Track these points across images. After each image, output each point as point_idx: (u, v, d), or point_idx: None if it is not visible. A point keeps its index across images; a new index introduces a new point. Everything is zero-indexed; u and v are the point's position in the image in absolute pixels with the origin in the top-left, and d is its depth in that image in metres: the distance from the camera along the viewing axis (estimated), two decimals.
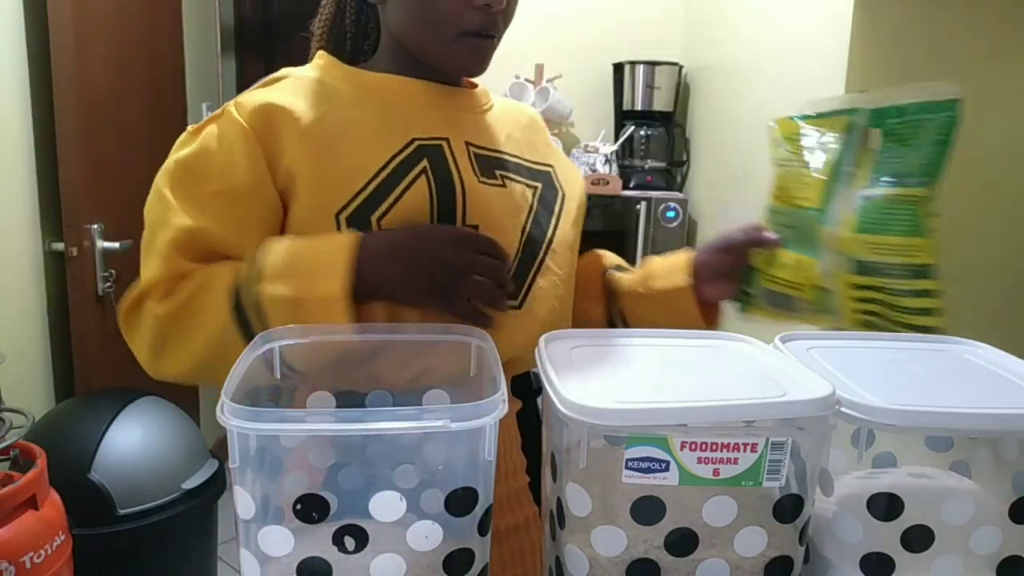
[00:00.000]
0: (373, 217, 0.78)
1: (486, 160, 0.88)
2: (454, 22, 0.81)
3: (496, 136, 0.92)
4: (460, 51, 0.83)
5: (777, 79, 1.99)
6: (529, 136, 0.97)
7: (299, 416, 0.57)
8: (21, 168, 2.02)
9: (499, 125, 0.93)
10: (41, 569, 1.48)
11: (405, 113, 0.85)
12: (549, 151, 0.99)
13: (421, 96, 0.87)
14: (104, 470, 1.76)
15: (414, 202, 0.80)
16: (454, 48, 0.83)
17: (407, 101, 0.86)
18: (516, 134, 0.95)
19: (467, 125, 0.89)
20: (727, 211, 2.38)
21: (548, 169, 0.95)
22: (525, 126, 0.98)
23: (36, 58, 2.02)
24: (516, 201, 0.88)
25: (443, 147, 0.84)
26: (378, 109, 0.84)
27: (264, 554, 0.55)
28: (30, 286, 2.06)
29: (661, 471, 0.53)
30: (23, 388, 1.99)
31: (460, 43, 0.82)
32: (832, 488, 0.59)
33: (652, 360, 0.66)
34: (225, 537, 2.04)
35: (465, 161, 0.85)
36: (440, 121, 0.86)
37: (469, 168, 0.85)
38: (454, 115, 0.88)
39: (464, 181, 0.83)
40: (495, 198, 0.86)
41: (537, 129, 1.00)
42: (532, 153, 0.95)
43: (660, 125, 2.72)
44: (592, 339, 0.69)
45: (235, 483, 0.54)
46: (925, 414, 0.54)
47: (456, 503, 0.56)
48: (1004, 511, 0.56)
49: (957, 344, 0.72)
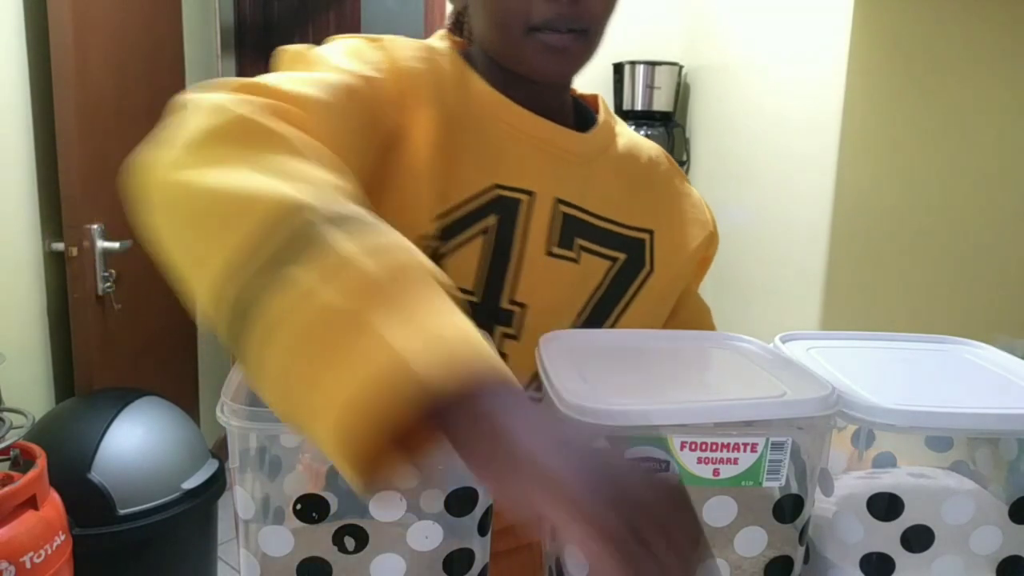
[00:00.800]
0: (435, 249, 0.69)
1: (573, 224, 0.75)
2: (522, 16, 0.69)
3: (601, 191, 0.78)
4: (531, 50, 0.70)
5: (777, 79, 1.99)
6: (637, 188, 0.82)
7: None
8: (21, 168, 2.02)
9: (610, 175, 0.80)
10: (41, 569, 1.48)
11: (495, 146, 0.73)
12: (658, 208, 0.83)
13: (516, 128, 0.74)
14: (104, 470, 1.76)
15: (464, 261, 0.70)
16: (524, 47, 0.70)
17: (500, 130, 0.73)
18: (623, 186, 0.81)
19: (566, 175, 0.76)
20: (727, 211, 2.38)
21: (644, 237, 0.81)
22: (637, 176, 0.83)
23: (36, 58, 2.02)
24: (585, 276, 0.77)
25: (522, 204, 0.72)
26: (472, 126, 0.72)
27: (264, 554, 0.55)
28: (30, 286, 2.06)
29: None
30: (23, 388, 1.99)
31: (531, 41, 0.70)
32: (832, 488, 0.59)
33: (652, 360, 0.66)
34: (225, 537, 2.04)
35: (543, 224, 0.73)
36: (532, 167, 0.74)
37: (543, 235, 0.73)
38: (551, 161, 0.75)
39: (525, 254, 0.72)
40: (558, 274, 0.74)
41: (652, 177, 0.84)
42: (631, 212, 0.80)
43: (660, 125, 2.72)
44: (592, 339, 0.69)
45: (235, 483, 0.54)
46: (925, 414, 0.54)
47: (456, 503, 0.56)
48: (1004, 511, 0.56)
49: (957, 344, 0.72)
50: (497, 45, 0.73)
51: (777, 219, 1.93)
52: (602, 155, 0.80)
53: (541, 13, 0.69)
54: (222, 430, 0.52)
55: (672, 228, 0.84)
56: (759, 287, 2.06)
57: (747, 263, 2.15)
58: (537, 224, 0.73)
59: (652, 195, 0.83)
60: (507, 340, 0.73)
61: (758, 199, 2.09)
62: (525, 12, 0.69)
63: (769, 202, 2.00)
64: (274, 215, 0.42)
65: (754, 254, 2.10)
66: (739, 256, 2.22)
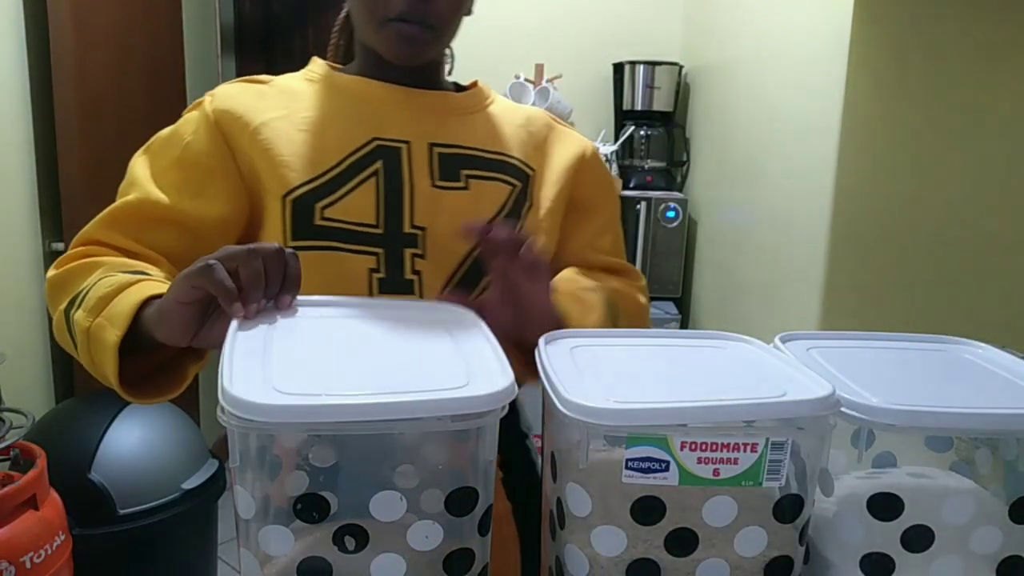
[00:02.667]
0: (319, 205, 0.83)
1: (453, 160, 0.89)
2: (382, 9, 0.84)
3: (476, 134, 0.92)
4: (388, 37, 0.85)
5: (777, 79, 1.99)
6: (522, 135, 0.95)
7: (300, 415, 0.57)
8: (21, 168, 2.02)
9: (485, 124, 0.94)
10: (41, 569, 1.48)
11: (370, 113, 0.89)
12: (541, 155, 0.96)
13: (388, 98, 0.90)
14: (104, 470, 1.76)
15: (360, 201, 0.84)
16: (382, 34, 0.85)
17: (374, 102, 0.90)
18: (506, 132, 0.95)
19: (437, 126, 0.90)
20: (727, 211, 2.38)
21: (530, 173, 0.93)
22: (519, 125, 0.96)
23: (36, 58, 2.02)
24: (482, 201, 0.89)
25: (402, 150, 0.87)
26: (344, 108, 0.89)
27: (264, 553, 0.55)
28: (30, 286, 2.06)
29: (661, 471, 0.53)
30: (23, 388, 2.00)
31: (387, 29, 0.85)
32: (832, 488, 0.59)
33: (652, 360, 0.66)
34: (225, 537, 2.04)
35: (423, 164, 0.88)
36: (406, 123, 0.89)
37: (426, 171, 0.87)
38: (423, 116, 0.90)
39: (415, 185, 0.86)
40: (451, 200, 0.87)
41: (533, 130, 0.97)
42: (521, 152, 0.94)
43: (660, 125, 2.73)
44: (592, 339, 0.69)
45: (235, 483, 0.54)
46: (925, 414, 0.54)
47: (456, 503, 0.56)
48: (1004, 511, 0.56)
49: (957, 344, 0.72)
50: (364, 34, 0.89)
51: (777, 219, 1.93)
52: (479, 111, 0.95)
53: (396, 7, 0.83)
54: (222, 430, 0.52)
55: (549, 170, 0.95)
56: (759, 287, 2.06)
57: (747, 263, 2.15)
58: (418, 164, 0.88)
59: (534, 141, 0.96)
60: (417, 259, 0.86)
61: (758, 199, 2.09)
62: (385, 5, 0.83)
63: (769, 202, 2.00)
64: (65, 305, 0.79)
65: (754, 254, 2.10)
66: (739, 256, 2.22)
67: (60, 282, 0.81)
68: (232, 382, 0.53)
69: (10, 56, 1.96)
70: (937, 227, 1.36)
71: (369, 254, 0.84)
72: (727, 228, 2.35)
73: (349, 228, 0.84)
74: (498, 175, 0.91)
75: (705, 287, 2.55)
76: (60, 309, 0.79)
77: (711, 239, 2.50)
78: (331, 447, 0.57)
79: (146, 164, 0.86)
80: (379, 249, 0.85)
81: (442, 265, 0.86)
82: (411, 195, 0.86)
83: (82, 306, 0.74)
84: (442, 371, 0.59)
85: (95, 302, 0.73)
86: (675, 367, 0.65)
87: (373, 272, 0.84)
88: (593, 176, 0.98)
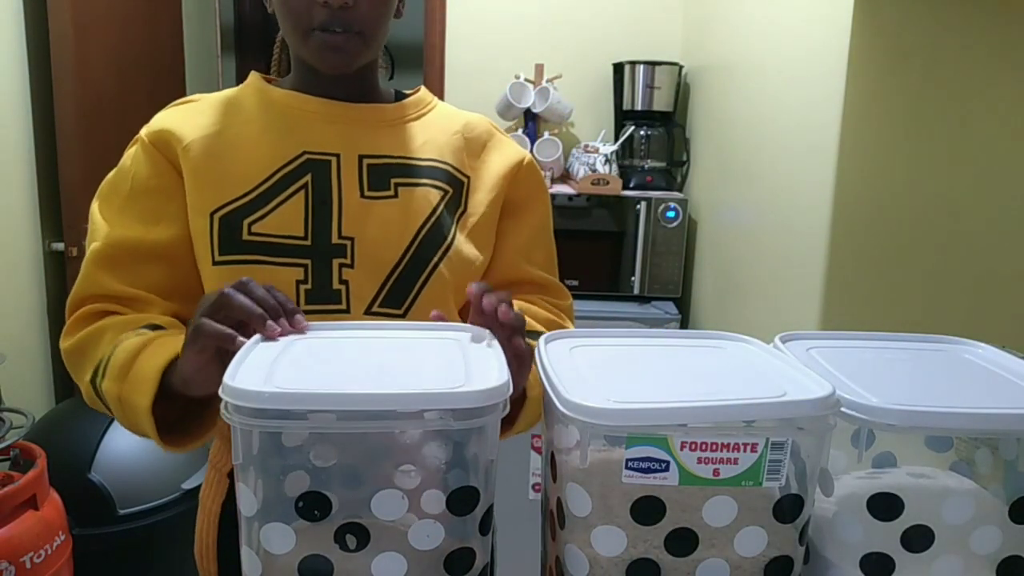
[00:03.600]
0: (247, 221, 0.85)
1: (383, 170, 0.90)
2: (305, 20, 0.85)
3: (409, 143, 0.93)
4: (314, 48, 0.86)
5: (777, 79, 1.99)
6: (457, 142, 0.95)
7: (302, 414, 0.57)
8: (21, 168, 2.02)
9: (420, 132, 0.94)
10: (41, 569, 1.48)
11: (301, 127, 0.90)
12: (478, 162, 0.96)
13: (320, 111, 0.91)
14: (104, 470, 1.76)
15: (288, 214, 0.86)
16: (308, 45, 0.86)
17: (306, 116, 0.91)
18: (440, 139, 0.95)
19: (368, 138, 0.91)
20: (727, 211, 2.38)
21: (464, 180, 0.94)
22: (455, 132, 0.96)
23: (36, 58, 2.02)
24: (412, 207, 0.90)
25: (331, 163, 0.89)
26: (275, 122, 0.90)
27: (266, 551, 0.55)
28: (30, 286, 2.06)
29: (661, 471, 0.53)
30: (23, 388, 2.00)
31: (313, 39, 0.85)
32: (832, 488, 0.59)
33: (652, 360, 0.66)
34: None
35: (353, 176, 0.89)
36: (337, 136, 0.90)
37: (355, 183, 0.88)
38: (354, 129, 0.91)
39: (344, 197, 0.88)
40: (380, 210, 0.88)
41: (471, 136, 0.97)
42: (455, 159, 0.94)
43: (660, 125, 2.72)
44: (592, 339, 0.69)
45: (238, 480, 0.54)
46: (925, 414, 0.54)
47: (457, 502, 0.56)
48: (1004, 511, 0.56)
49: (957, 344, 0.72)
50: (294, 46, 0.89)
51: (777, 219, 1.93)
52: (415, 119, 0.95)
53: (318, 17, 0.84)
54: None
55: (485, 177, 0.96)
56: (759, 287, 2.06)
57: (747, 263, 2.15)
58: (347, 176, 0.89)
59: (468, 148, 0.97)
60: (345, 269, 0.87)
61: (758, 199, 2.09)
62: (307, 16, 0.84)
63: (769, 202, 2.00)
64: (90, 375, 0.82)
65: (754, 254, 2.10)
66: (739, 256, 2.22)
67: (75, 352, 0.83)
68: (234, 378, 0.53)
69: (10, 56, 1.96)
70: (937, 227, 1.35)
71: (296, 266, 0.86)
72: (727, 228, 2.35)
73: (276, 242, 0.86)
74: (428, 181, 0.91)
75: (705, 287, 2.55)
76: (86, 381, 0.81)
77: (711, 239, 2.50)
78: (332, 446, 0.57)
79: (103, 208, 0.88)
80: (306, 260, 0.86)
81: (372, 273, 0.88)
82: (339, 206, 0.87)
83: (106, 376, 0.78)
84: (442, 372, 0.59)
85: (117, 371, 0.77)
86: (675, 367, 0.65)
87: (300, 283, 0.86)
88: (527, 182, 0.99)
